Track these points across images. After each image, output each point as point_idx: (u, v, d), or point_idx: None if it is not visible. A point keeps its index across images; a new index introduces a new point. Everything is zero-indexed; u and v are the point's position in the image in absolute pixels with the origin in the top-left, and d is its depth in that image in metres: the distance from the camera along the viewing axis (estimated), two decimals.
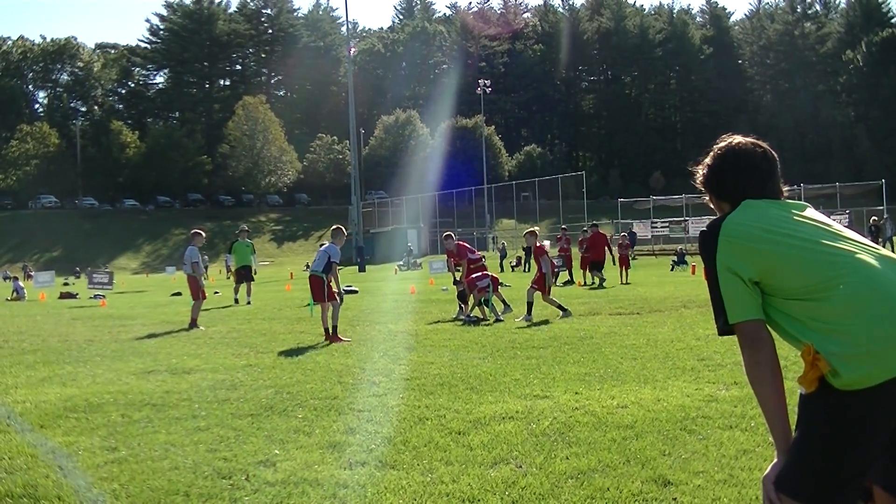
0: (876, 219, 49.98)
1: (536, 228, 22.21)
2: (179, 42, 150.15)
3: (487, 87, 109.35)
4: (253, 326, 20.19)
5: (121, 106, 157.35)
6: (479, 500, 6.00)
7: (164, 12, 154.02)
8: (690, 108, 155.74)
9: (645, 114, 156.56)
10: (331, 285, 17.18)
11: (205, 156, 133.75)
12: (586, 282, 34.11)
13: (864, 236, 3.58)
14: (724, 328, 3.51)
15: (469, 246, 23.06)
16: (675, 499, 5.91)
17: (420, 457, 7.23)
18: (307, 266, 76.80)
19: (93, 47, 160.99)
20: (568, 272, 36.11)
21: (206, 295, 23.12)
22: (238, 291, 30.65)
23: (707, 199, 3.88)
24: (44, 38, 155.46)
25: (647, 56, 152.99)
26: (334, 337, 16.25)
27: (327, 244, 17.92)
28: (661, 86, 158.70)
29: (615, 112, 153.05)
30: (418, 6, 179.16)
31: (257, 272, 34.06)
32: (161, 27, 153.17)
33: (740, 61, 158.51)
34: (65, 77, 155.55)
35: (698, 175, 3.86)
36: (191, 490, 6.46)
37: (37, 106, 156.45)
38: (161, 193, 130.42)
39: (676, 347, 13.42)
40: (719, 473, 6.43)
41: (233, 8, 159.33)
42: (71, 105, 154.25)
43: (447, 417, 8.73)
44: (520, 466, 6.83)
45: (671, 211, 77.51)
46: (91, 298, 36.57)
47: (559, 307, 19.95)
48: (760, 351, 3.42)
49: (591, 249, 33.98)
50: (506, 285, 21.54)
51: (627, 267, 35.11)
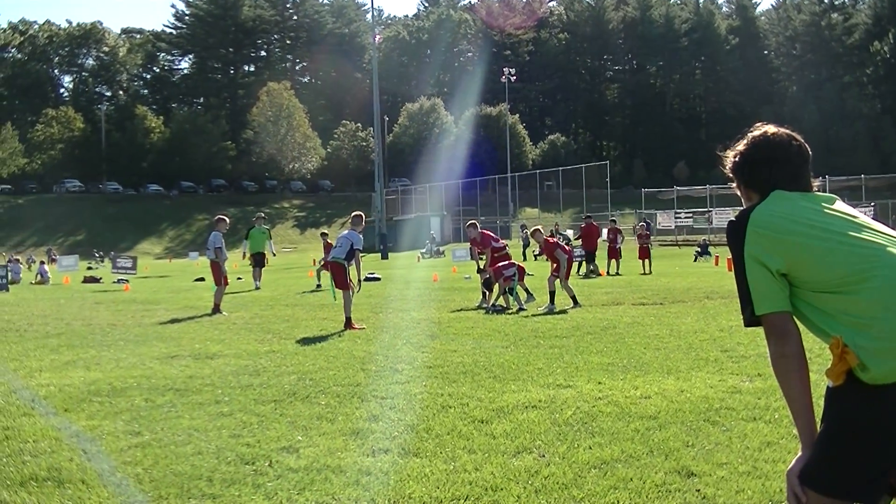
0: None
1: (540, 226, 22.15)
2: (204, 28, 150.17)
3: (512, 76, 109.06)
4: (276, 312, 20.22)
5: (145, 91, 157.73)
6: (502, 489, 6.00)
7: None
8: (715, 99, 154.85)
9: (669, 104, 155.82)
10: (349, 274, 17.13)
11: (229, 141, 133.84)
12: (609, 271, 34.04)
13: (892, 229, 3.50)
14: (751, 319, 3.46)
15: (493, 234, 23.00)
16: (699, 490, 5.89)
17: (443, 445, 7.23)
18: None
19: (118, 32, 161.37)
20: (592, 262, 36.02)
21: (229, 281, 23.13)
22: (259, 277, 30.89)
23: (734, 186, 3.81)
24: (70, 23, 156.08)
25: (673, 46, 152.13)
26: (348, 324, 16.23)
27: (348, 231, 17.89)
28: (686, 76, 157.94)
29: (640, 102, 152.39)
30: None
31: (275, 254, 34.04)
32: (186, 13, 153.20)
33: (766, 52, 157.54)
34: (90, 62, 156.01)
35: (728, 161, 3.79)
36: (214, 475, 6.47)
37: (62, 90, 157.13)
38: (185, 179, 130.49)
39: (700, 338, 13.38)
40: (743, 465, 6.40)
41: None
42: (96, 90, 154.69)
43: (470, 406, 8.73)
44: (543, 456, 6.82)
45: (695, 201, 77.22)
46: (114, 283, 36.70)
47: (572, 297, 19.94)
48: (787, 343, 3.39)
49: (585, 240, 34.31)
50: (529, 274, 21.48)
51: (648, 257, 35.00)
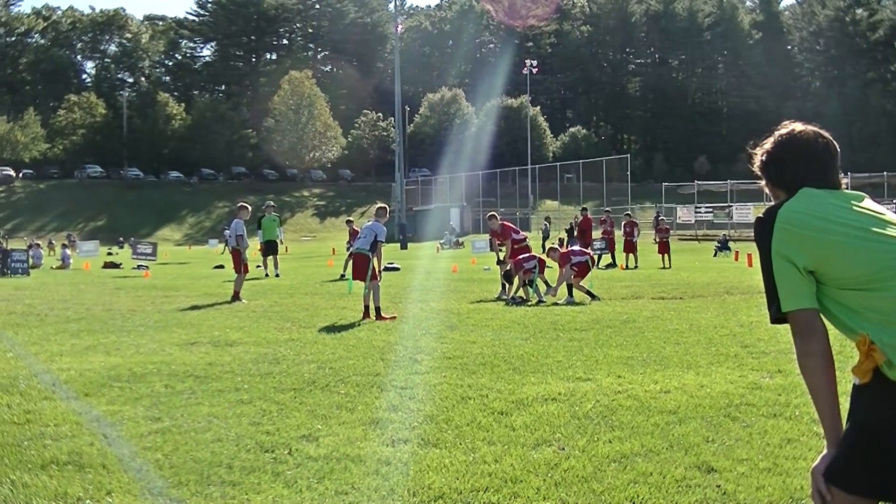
0: None
1: (556, 249, 21.68)
2: (227, 15, 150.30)
3: (534, 68, 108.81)
4: (295, 301, 20.25)
5: (167, 78, 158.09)
6: (522, 481, 5.99)
7: None
8: (737, 94, 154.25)
9: (691, 98, 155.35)
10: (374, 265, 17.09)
11: (250, 129, 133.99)
12: (628, 265, 34.00)
13: None
14: (777, 316, 3.44)
15: (514, 226, 22.94)
16: (719, 486, 5.87)
17: (462, 436, 7.23)
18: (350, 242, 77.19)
19: (141, 19, 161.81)
20: (610, 255, 35.98)
21: (249, 268, 23.12)
22: (267, 266, 30.98)
23: (763, 184, 3.78)
24: (93, 9, 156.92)
25: (696, 40, 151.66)
26: (378, 316, 16.17)
27: (371, 221, 17.89)
28: (709, 70, 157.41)
29: (661, 95, 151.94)
30: None
31: (282, 241, 34.11)
32: (209, 0, 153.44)
33: (789, 47, 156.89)
34: (113, 48, 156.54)
35: (756, 160, 3.77)
36: (233, 462, 6.49)
37: (84, 76, 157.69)
38: (205, 166, 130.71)
39: (720, 333, 13.34)
40: (763, 461, 6.38)
41: None
42: (118, 76, 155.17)
43: (490, 397, 8.72)
44: (562, 448, 6.81)
45: (715, 196, 77.01)
46: (134, 269, 36.82)
47: (588, 292, 19.90)
48: (813, 341, 3.36)
49: (580, 233, 34.62)
50: (549, 266, 21.42)
51: (668, 252, 34.95)
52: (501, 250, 21.82)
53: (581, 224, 36.08)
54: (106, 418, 8.04)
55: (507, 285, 20.94)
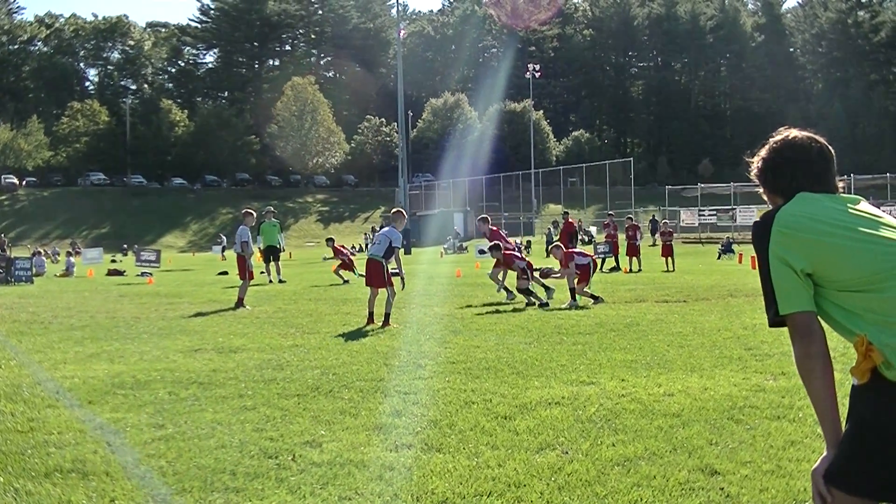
0: None
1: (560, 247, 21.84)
2: (229, 22, 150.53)
3: (537, 72, 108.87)
4: (299, 307, 20.26)
5: (171, 85, 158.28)
6: (525, 486, 5.99)
7: None
8: (741, 96, 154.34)
9: (695, 101, 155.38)
10: (389, 271, 17.06)
11: (253, 136, 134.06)
12: (631, 268, 33.98)
13: None
14: (775, 319, 3.48)
15: (503, 233, 22.90)
16: (723, 488, 5.87)
17: (466, 440, 7.23)
18: (354, 247, 77.10)
19: (144, 26, 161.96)
20: (614, 258, 35.94)
21: (254, 275, 23.11)
22: (270, 272, 31.00)
23: (762, 192, 3.84)
24: (95, 17, 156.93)
25: (698, 43, 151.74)
26: (385, 322, 16.09)
27: (388, 227, 17.87)
28: (712, 73, 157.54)
29: (664, 99, 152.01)
30: None
31: (283, 249, 34.03)
32: (212, 6, 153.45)
33: (792, 49, 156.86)
34: (116, 55, 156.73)
35: (753, 168, 3.83)
36: (237, 469, 6.50)
37: (88, 83, 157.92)
38: (209, 172, 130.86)
39: (723, 336, 13.33)
40: (767, 464, 6.38)
41: None
42: (121, 83, 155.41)
43: (493, 402, 8.72)
44: (566, 452, 6.81)
45: (719, 199, 76.86)
46: (138, 276, 36.83)
47: (591, 296, 19.91)
48: (812, 343, 3.40)
49: (563, 237, 34.63)
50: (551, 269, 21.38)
51: (671, 255, 34.92)
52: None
53: (564, 228, 35.89)
54: (109, 426, 8.05)
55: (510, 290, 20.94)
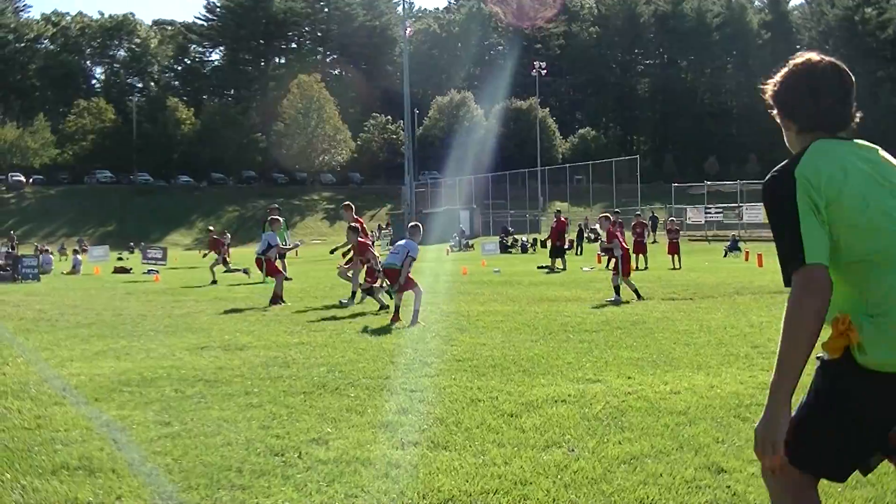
0: None
1: (608, 218, 22.30)
2: (235, 19, 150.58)
3: (543, 70, 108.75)
4: (305, 304, 20.24)
5: (177, 83, 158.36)
6: (531, 483, 5.98)
7: None
8: (746, 94, 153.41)
9: (701, 98, 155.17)
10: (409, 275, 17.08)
11: (259, 133, 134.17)
12: (638, 266, 33.93)
13: None
14: (794, 272, 3.29)
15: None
16: (729, 486, 5.86)
17: (472, 438, 7.22)
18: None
19: (150, 24, 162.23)
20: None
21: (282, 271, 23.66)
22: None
23: (775, 114, 3.76)
24: (102, 15, 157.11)
25: (704, 40, 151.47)
26: (414, 320, 15.91)
27: (405, 240, 17.88)
28: (718, 70, 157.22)
29: (670, 96, 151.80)
30: None
31: (289, 247, 33.96)
32: (218, 4, 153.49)
33: (798, 46, 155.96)
34: (122, 53, 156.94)
35: (768, 90, 3.74)
36: (243, 466, 6.49)
37: (94, 81, 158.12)
38: (215, 170, 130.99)
39: (730, 334, 13.31)
40: None
41: None
42: (127, 81, 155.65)
43: (500, 399, 8.71)
44: (572, 450, 6.80)
45: (725, 197, 76.70)
46: (145, 273, 36.85)
47: (635, 290, 20.19)
48: (823, 301, 3.22)
49: (555, 236, 34.65)
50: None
51: (677, 252, 34.90)
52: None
53: (556, 227, 35.60)
54: (116, 423, 8.04)
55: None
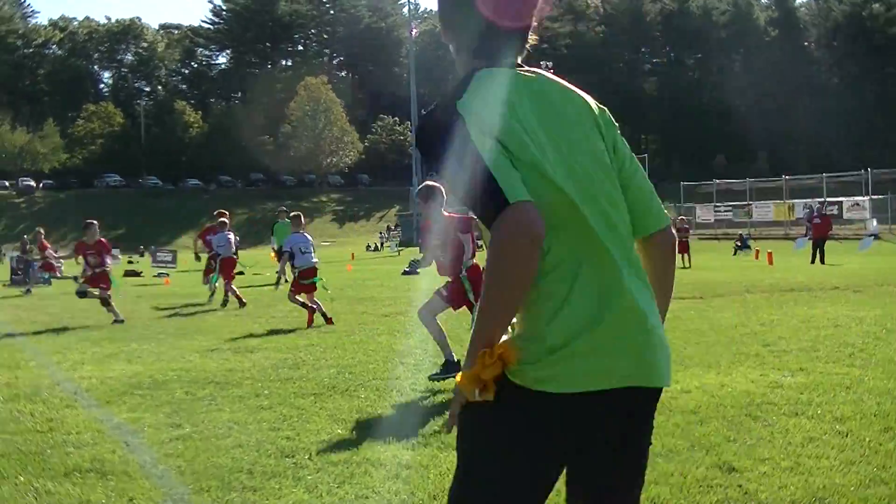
0: None
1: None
2: (241, 23, 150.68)
3: (549, 69, 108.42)
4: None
5: (184, 86, 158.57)
6: None
7: None
8: (754, 91, 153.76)
9: (708, 96, 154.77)
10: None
11: (267, 136, 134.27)
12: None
13: None
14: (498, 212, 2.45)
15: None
16: (741, 485, 5.84)
17: None
18: (369, 246, 77.14)
19: (156, 28, 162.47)
20: None
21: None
22: (285, 272, 30.96)
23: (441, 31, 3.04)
24: (109, 19, 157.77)
25: (711, 38, 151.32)
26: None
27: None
28: (725, 68, 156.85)
29: (678, 94, 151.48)
30: None
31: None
32: (224, 8, 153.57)
33: (806, 43, 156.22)
34: (129, 57, 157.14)
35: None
36: (254, 468, 6.50)
37: (102, 86, 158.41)
38: (223, 173, 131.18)
39: (740, 332, 13.29)
40: (785, 461, 6.35)
41: None
42: (135, 85, 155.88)
43: None
44: None
45: (734, 195, 76.64)
46: (155, 276, 36.94)
47: None
48: (538, 236, 2.45)
49: None
50: None
51: (687, 251, 34.90)
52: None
53: None
54: (127, 425, 8.08)
55: None
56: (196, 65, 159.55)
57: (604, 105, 3.06)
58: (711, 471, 6.15)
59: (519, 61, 2.93)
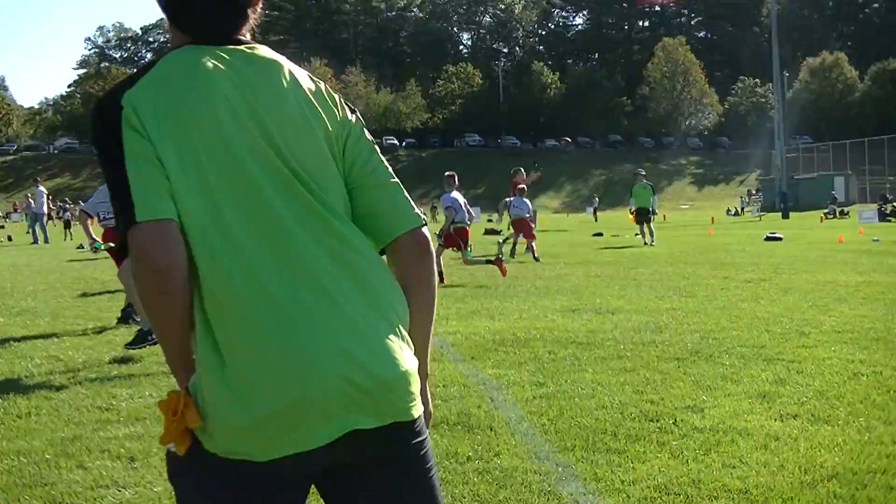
0: None
1: None
2: None
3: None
4: (676, 269, 20.02)
5: (541, 47, 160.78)
6: None
7: None
8: None
9: None
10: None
11: (624, 97, 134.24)
12: None
13: None
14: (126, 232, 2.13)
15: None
16: None
17: (856, 413, 6.87)
18: (729, 210, 76.00)
19: None
20: None
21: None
22: (645, 234, 30.83)
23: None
24: None
25: None
26: None
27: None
28: None
29: None
30: None
31: (656, 212, 33.59)
32: None
33: None
34: (487, 19, 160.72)
35: None
36: (618, 430, 6.49)
37: (461, 47, 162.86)
38: (581, 134, 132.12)
39: None
40: None
41: None
42: (493, 46, 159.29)
43: (884, 374, 8.24)
44: None
45: None
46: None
47: None
48: (161, 274, 2.11)
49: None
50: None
51: None
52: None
53: None
54: (492, 381, 8.26)
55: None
56: (553, 26, 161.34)
57: None
58: None
59: (243, 36, 2.42)
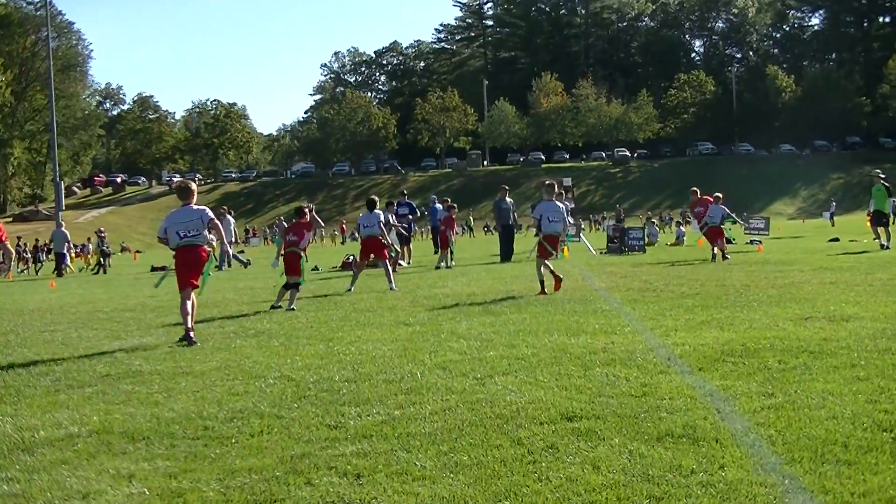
0: None
1: None
2: None
3: None
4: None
5: (776, 50, 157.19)
6: None
7: None
8: None
9: None
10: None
11: (864, 97, 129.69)
12: None
13: None
14: None
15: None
16: None
17: None
18: None
19: None
20: None
21: None
22: (881, 236, 29.51)
23: None
24: None
25: None
26: None
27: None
28: None
29: None
30: None
31: (892, 215, 32.16)
32: None
33: None
34: (720, 25, 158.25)
35: None
36: (849, 441, 6.29)
37: (693, 55, 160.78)
38: (817, 137, 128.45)
39: None
40: None
41: None
42: (726, 52, 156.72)
43: None
44: None
45: None
46: (747, 244, 36.97)
47: None
48: None
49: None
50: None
51: None
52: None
53: None
54: (719, 393, 8.12)
55: None
56: (788, 28, 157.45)
57: None
58: None
59: None
